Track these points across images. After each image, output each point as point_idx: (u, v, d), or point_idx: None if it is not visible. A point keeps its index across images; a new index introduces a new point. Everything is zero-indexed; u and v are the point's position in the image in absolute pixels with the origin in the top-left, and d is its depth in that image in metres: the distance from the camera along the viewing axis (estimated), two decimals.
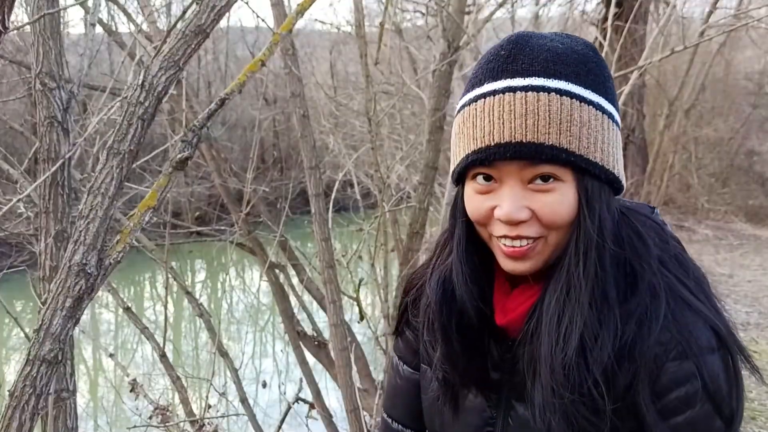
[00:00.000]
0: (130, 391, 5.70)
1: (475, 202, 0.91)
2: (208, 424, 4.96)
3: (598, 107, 0.87)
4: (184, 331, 10.06)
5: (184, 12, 2.05)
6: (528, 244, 0.88)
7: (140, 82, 1.82)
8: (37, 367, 1.72)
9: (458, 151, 0.92)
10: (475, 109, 0.88)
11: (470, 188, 0.92)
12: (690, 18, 11.80)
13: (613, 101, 0.90)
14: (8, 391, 1.76)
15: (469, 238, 0.97)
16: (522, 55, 0.87)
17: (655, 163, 9.84)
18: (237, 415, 4.88)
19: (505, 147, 0.84)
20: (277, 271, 7.03)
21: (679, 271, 0.92)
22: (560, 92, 0.84)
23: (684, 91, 9.58)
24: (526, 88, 0.84)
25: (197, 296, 10.50)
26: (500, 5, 6.13)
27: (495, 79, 0.87)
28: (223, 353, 4.99)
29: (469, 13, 6.17)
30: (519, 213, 0.86)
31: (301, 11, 2.11)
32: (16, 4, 1.71)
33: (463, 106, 0.91)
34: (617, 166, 0.90)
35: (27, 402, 1.72)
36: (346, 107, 9.94)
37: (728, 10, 9.86)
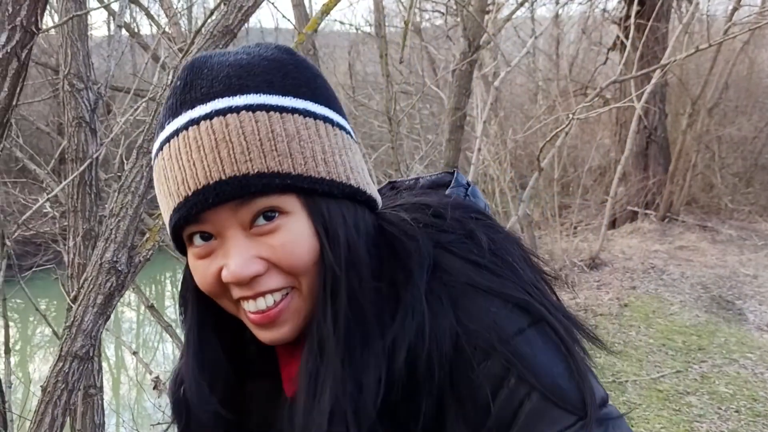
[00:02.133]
0: (153, 388, 5.76)
1: (199, 270, 0.74)
2: None
3: (306, 113, 0.72)
4: None
5: (212, 12, 2.07)
6: (275, 302, 0.72)
7: (169, 82, 1.85)
8: (69, 362, 1.75)
9: (164, 214, 0.75)
10: (163, 158, 0.71)
11: (190, 255, 0.75)
12: (713, 16, 11.69)
13: (327, 102, 0.76)
14: (40, 386, 1.80)
15: (205, 319, 0.80)
16: (199, 80, 0.71)
17: (678, 162, 9.73)
18: None
19: (204, 192, 0.68)
20: None
21: (471, 250, 0.75)
22: (251, 108, 0.69)
23: (707, 89, 9.46)
24: (209, 116, 0.68)
25: None
26: (520, 4, 6.11)
27: (175, 115, 0.71)
28: None
29: (488, 12, 6.16)
30: (247, 267, 0.69)
31: (326, 11, 2.12)
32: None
33: (154, 159, 0.75)
34: (353, 176, 0.75)
35: (59, 397, 1.75)
36: (365, 107, 9.97)
37: (753, 8, 9.74)
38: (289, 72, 0.74)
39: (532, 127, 8.12)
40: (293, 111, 0.71)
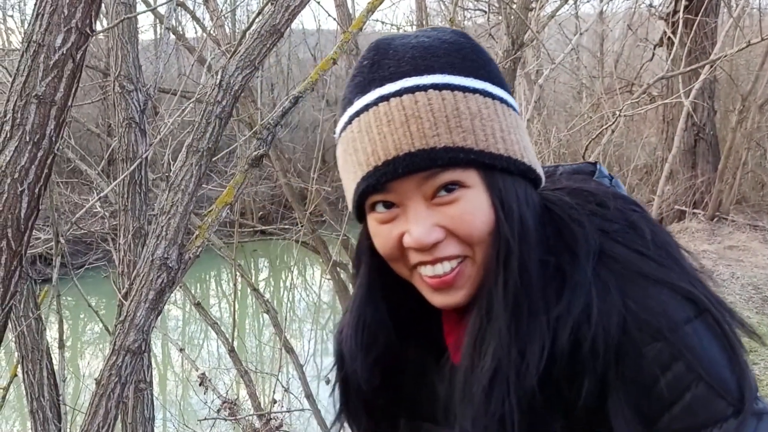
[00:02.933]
0: (199, 384, 5.87)
1: (382, 235, 0.78)
2: (274, 418, 5.06)
3: (485, 94, 0.76)
4: (248, 328, 10.28)
5: (259, 12, 2.10)
6: (452, 268, 0.75)
7: (218, 81, 1.88)
8: (122, 356, 1.79)
9: (348, 184, 0.80)
10: (352, 131, 0.77)
11: (372, 221, 0.79)
12: (765, 9, 11.36)
13: (501, 84, 0.79)
14: (94, 379, 1.84)
15: (375, 280, 0.86)
16: (387, 60, 0.77)
17: (727, 160, 9.47)
18: (302, 410, 4.95)
19: (394, 163, 0.72)
20: (338, 269, 7.10)
21: (635, 241, 0.77)
22: (437, 86, 0.74)
23: (758, 85, 9.19)
24: (399, 93, 0.74)
25: (250, 295, 10.71)
26: (565, 1, 6.02)
27: (364, 92, 0.77)
28: (289, 349, 5.08)
29: (532, 9, 6.09)
30: (429, 235, 0.73)
31: (371, 9, 2.13)
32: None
33: (339, 135, 0.81)
34: (526, 155, 0.78)
35: (113, 390, 1.80)
36: None
37: None
38: (467, 55, 0.78)
39: (576, 125, 8.01)
40: (474, 91, 0.75)
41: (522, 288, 0.74)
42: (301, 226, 6.17)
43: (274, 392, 4.69)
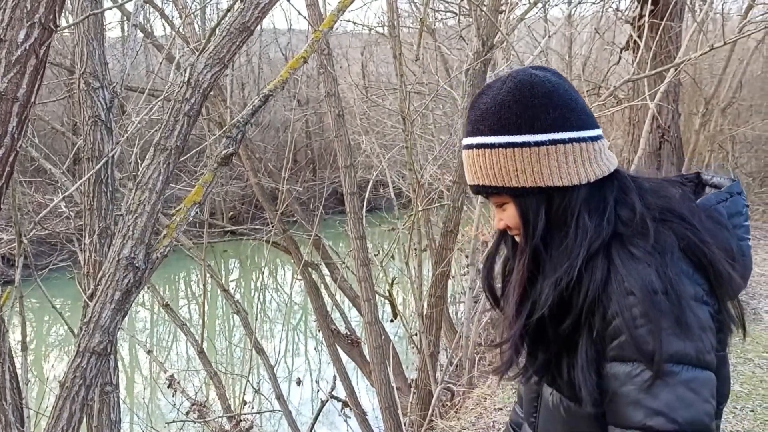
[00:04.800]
0: (168, 387, 5.79)
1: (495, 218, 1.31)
2: (244, 420, 5.02)
3: (507, 146, 1.16)
4: (217, 329, 10.18)
5: (228, 9, 2.07)
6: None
7: (186, 79, 1.85)
8: (87, 358, 1.76)
9: None
10: (465, 156, 1.24)
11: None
12: (728, 15, 11.60)
13: (531, 128, 1.15)
14: (58, 382, 1.81)
15: (500, 237, 1.38)
16: (471, 115, 1.21)
17: (691, 162, 9.65)
18: (273, 411, 4.91)
19: (471, 187, 1.24)
20: (309, 269, 7.07)
21: (636, 234, 1.13)
22: (480, 146, 1.17)
23: (721, 88, 9.38)
24: (469, 146, 1.19)
25: (220, 296, 10.61)
26: (534, 4, 6.07)
27: (465, 134, 1.22)
28: (260, 350, 5.04)
29: (502, 12, 6.13)
30: (498, 224, 1.27)
31: (342, 9, 2.12)
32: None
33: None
34: (542, 179, 1.16)
35: (77, 393, 1.76)
36: (379, 107, 9.96)
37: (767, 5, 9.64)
38: (505, 114, 1.16)
39: None
40: (499, 146, 1.16)
41: (534, 257, 1.20)
42: (272, 227, 6.13)
43: (244, 393, 4.65)
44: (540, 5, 8.04)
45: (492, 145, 1.16)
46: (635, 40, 9.28)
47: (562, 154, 1.16)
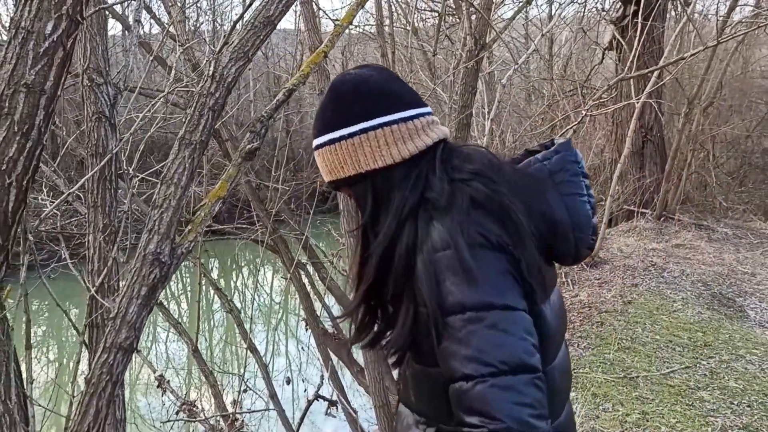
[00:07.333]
0: (157, 387, 5.73)
1: None
2: (238, 418, 4.97)
3: (329, 143, 1.30)
4: (204, 328, 10.09)
5: (251, 3, 2.06)
6: None
7: (210, 72, 1.84)
8: (113, 354, 1.74)
9: None
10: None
11: None
12: (706, 16, 11.77)
13: (345, 121, 1.28)
14: (85, 378, 1.78)
15: None
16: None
17: (674, 161, 9.79)
18: (267, 410, 4.89)
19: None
20: (299, 269, 7.04)
21: (436, 197, 1.21)
22: (315, 148, 1.34)
23: (703, 89, 9.52)
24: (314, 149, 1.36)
25: (212, 295, 10.50)
26: (527, 3, 6.11)
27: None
28: (253, 349, 5.01)
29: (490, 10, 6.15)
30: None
31: (361, 3, 2.13)
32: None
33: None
34: (361, 165, 1.27)
35: (104, 389, 1.74)
36: None
37: (749, 6, 9.82)
38: (324, 116, 1.33)
39: (531, 125, 8.13)
40: (324, 144, 1.31)
41: (365, 235, 1.33)
42: (266, 227, 6.09)
43: (240, 393, 4.61)
44: (530, 4, 8.09)
45: (321, 145, 1.31)
46: (618, 40, 9.40)
47: (374, 140, 1.26)
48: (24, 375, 2.80)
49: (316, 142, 1.33)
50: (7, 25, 1.75)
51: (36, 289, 3.44)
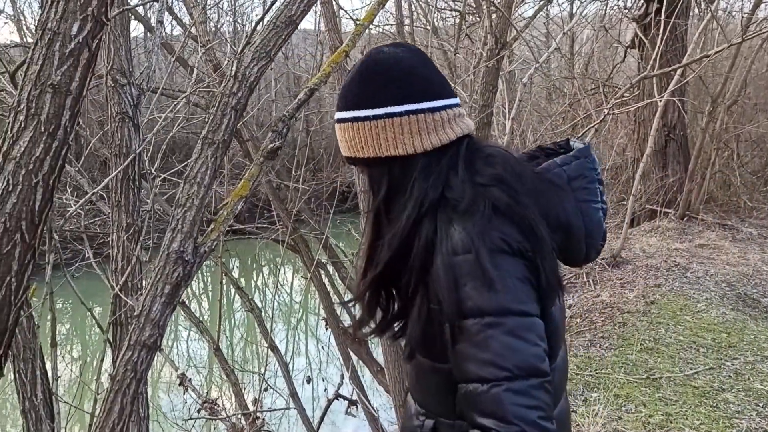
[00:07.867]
0: (179, 385, 5.78)
1: None
2: (259, 417, 5.00)
3: (352, 120, 1.26)
4: (225, 327, 10.16)
5: (272, 3, 2.07)
6: None
7: (233, 72, 1.85)
8: (138, 351, 1.76)
9: None
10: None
11: None
12: (730, 13, 11.62)
13: (371, 102, 1.25)
14: (109, 375, 1.81)
15: None
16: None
17: (697, 161, 9.66)
18: (288, 408, 4.91)
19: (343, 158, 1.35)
20: (319, 269, 7.06)
21: (458, 199, 1.21)
22: (338, 121, 1.30)
23: (727, 87, 9.39)
24: (335, 121, 1.32)
25: (233, 294, 10.57)
26: (545, 3, 6.06)
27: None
28: (274, 348, 5.04)
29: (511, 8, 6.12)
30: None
31: (382, 2, 2.13)
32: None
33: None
34: (381, 150, 1.25)
35: (128, 386, 1.76)
36: None
37: None
38: (352, 90, 1.29)
39: (552, 124, 8.08)
40: (348, 120, 1.28)
41: (376, 221, 1.33)
42: (283, 226, 6.12)
43: (260, 391, 4.64)
44: (551, 2, 8.03)
45: (344, 120, 1.28)
46: (641, 38, 9.31)
47: (398, 126, 1.24)
48: (49, 372, 2.85)
49: (339, 115, 1.30)
50: (33, 27, 1.78)
51: (60, 288, 3.49)
